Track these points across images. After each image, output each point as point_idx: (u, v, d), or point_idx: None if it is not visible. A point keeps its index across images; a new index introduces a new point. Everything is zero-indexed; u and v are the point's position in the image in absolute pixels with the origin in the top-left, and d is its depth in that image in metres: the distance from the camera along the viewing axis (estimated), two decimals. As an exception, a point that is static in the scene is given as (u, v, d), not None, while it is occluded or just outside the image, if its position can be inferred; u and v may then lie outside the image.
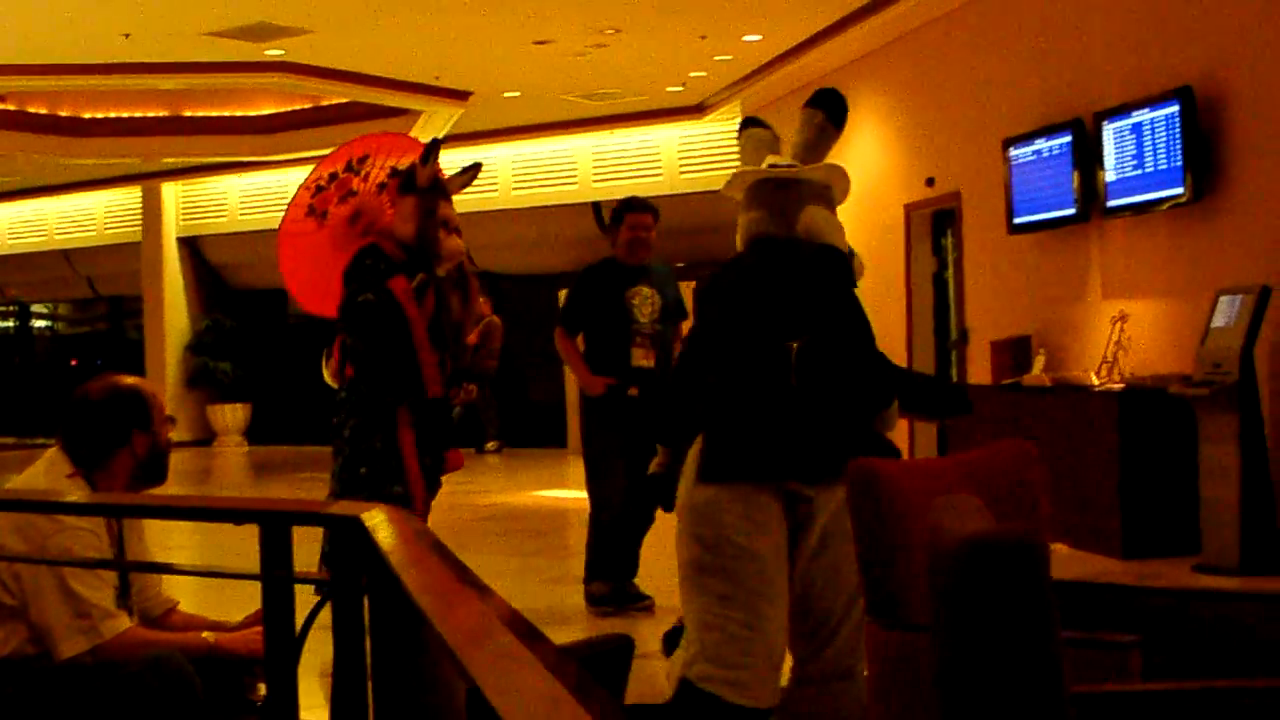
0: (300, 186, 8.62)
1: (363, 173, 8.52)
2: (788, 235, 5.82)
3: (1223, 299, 9.99)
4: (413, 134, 21.48)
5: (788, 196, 5.90)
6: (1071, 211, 12.32)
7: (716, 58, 17.99)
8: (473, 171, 8.38)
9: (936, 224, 15.87)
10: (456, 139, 22.34)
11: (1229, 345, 9.73)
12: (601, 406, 9.52)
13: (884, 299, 16.03)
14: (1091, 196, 12.03)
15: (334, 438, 8.08)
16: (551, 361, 23.83)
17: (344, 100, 21.03)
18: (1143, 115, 11.22)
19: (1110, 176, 11.69)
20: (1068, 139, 12.29)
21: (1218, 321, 9.94)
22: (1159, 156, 11.01)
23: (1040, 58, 13.16)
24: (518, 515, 15.48)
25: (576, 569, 9.86)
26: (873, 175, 16.60)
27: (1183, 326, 10.87)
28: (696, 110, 21.21)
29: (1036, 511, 4.72)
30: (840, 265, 5.76)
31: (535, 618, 8.09)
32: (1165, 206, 11.08)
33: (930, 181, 15.39)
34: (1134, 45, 11.73)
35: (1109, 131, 11.66)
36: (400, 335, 7.77)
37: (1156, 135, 11.05)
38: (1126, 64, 11.80)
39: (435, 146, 8.06)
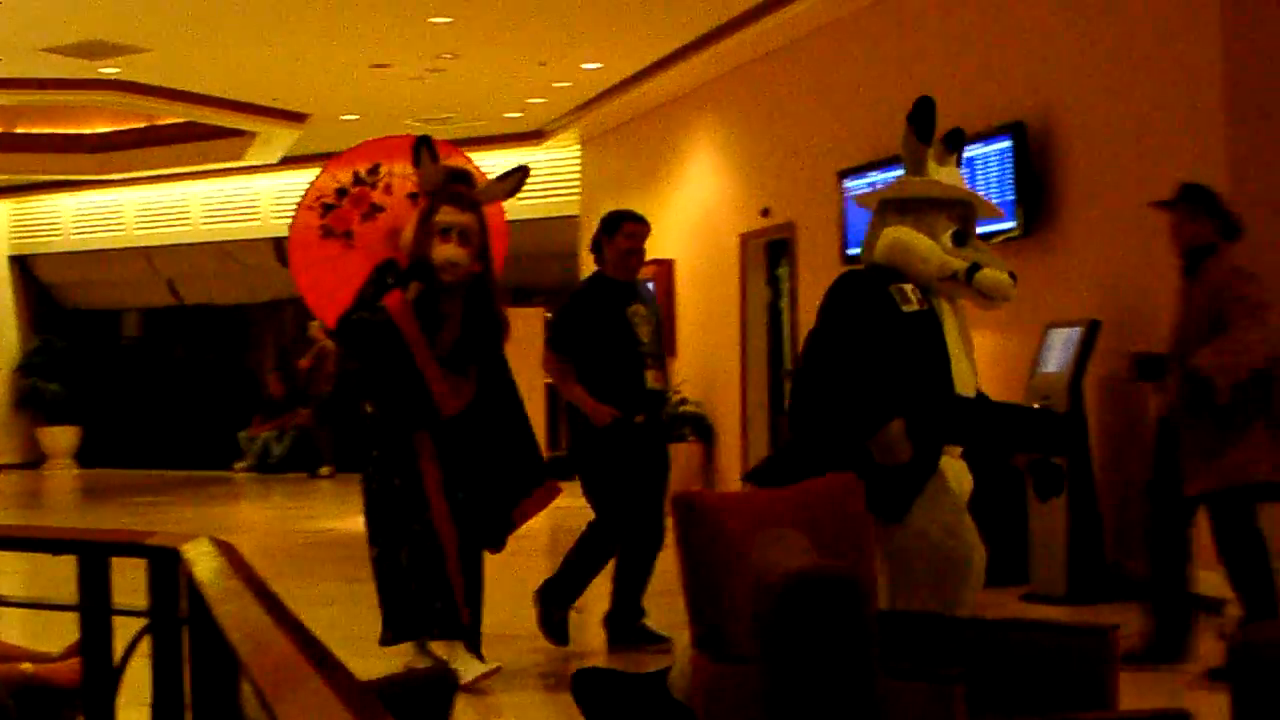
0: (300, 207, 8.23)
1: (380, 184, 8.15)
2: (867, 260, 5.90)
3: (1052, 332, 10.13)
4: (248, 156, 21.44)
5: (875, 218, 6.01)
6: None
7: (555, 84, 17.99)
8: (518, 176, 7.97)
9: (772, 254, 15.94)
10: (294, 161, 22.18)
11: (1058, 378, 9.87)
12: (606, 436, 8.67)
13: (719, 327, 16.12)
14: (925, 229, 12.12)
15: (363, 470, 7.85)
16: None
17: (180, 120, 20.81)
18: (976, 150, 11.33)
19: (944, 209, 11.79)
20: (901, 172, 12.36)
21: (1047, 354, 10.08)
22: (991, 191, 11.13)
23: (874, 91, 13.27)
24: (350, 541, 15.29)
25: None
26: (709, 204, 16.69)
27: (1013, 359, 10.99)
28: (535, 136, 21.18)
29: (862, 544, 4.75)
30: (840, 293, 5.79)
31: (365, 645, 7.96)
32: (997, 240, 11.18)
33: (765, 211, 15.46)
34: (969, 81, 11.87)
35: (943, 165, 11.76)
36: (398, 354, 7.45)
37: (989, 169, 11.18)
38: (961, 99, 11.91)
39: (422, 145, 7.66)
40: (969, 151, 11.35)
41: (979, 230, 6.24)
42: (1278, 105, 9.30)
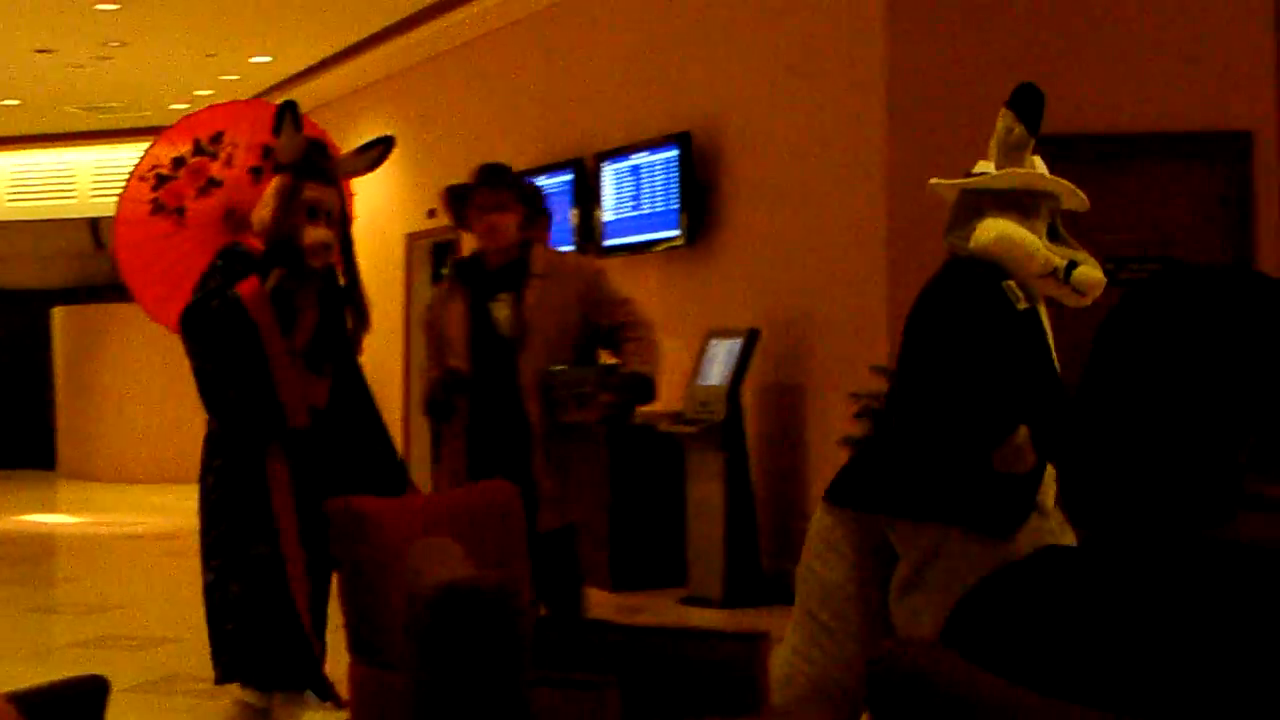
0: (131, 177, 7.24)
1: (222, 155, 7.23)
2: (963, 253, 5.43)
3: (713, 340, 10.30)
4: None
5: (967, 207, 5.53)
6: (569, 248, 12.50)
7: (223, 77, 17.76)
8: (382, 148, 7.16)
9: (437, 254, 15.96)
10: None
11: (717, 385, 10.03)
12: None
13: (381, 328, 16.01)
14: (589, 234, 12.24)
15: (200, 482, 6.67)
16: (40, 379, 23.28)
17: None
18: (642, 158, 11.48)
19: (608, 216, 11.92)
20: (569, 177, 12.48)
21: (707, 362, 10.24)
22: (657, 199, 11.27)
23: (544, 97, 13.36)
24: (4, 541, 14.96)
25: (60, 598, 9.38)
26: (376, 203, 16.61)
27: (674, 366, 11.06)
28: (202, 129, 20.92)
29: (518, 550, 4.78)
30: (954, 289, 5.41)
31: (12, 651, 7.74)
32: (661, 248, 11.35)
33: (431, 213, 15.44)
34: (637, 90, 11.99)
35: (609, 172, 11.89)
36: (251, 351, 6.42)
37: (655, 178, 11.31)
38: (629, 108, 12.06)
39: (286, 111, 6.73)
40: (634, 160, 11.55)
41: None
42: (938, 119, 9.53)
